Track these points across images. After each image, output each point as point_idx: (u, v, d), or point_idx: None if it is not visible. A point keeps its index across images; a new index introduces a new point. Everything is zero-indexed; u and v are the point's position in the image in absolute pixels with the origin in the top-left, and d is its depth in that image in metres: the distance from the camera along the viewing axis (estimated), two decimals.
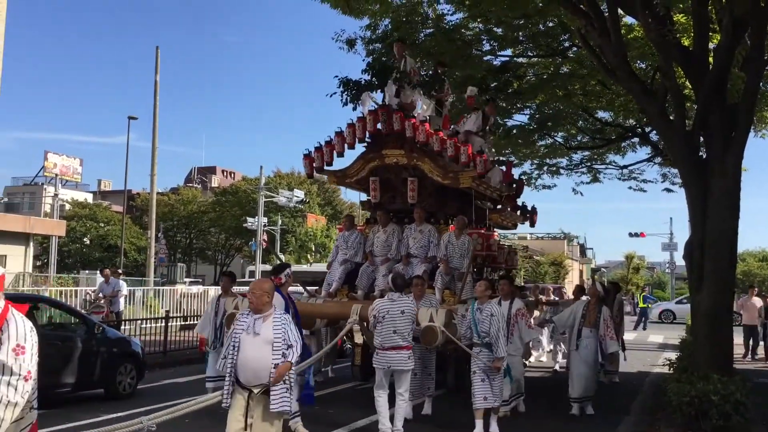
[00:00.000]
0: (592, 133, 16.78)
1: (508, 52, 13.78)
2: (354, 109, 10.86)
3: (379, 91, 10.91)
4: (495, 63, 13.83)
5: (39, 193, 55.02)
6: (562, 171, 17.89)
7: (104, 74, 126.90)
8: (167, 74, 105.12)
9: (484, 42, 13.44)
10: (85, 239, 50.41)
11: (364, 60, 10.80)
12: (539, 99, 14.57)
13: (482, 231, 11.05)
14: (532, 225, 13.94)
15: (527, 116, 15.87)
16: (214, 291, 8.91)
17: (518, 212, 13.40)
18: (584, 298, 10.47)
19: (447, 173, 10.38)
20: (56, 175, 49.36)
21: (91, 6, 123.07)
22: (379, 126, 10.51)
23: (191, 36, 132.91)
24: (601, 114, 16.14)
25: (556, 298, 16.90)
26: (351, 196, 70.06)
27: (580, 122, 16.39)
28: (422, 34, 12.85)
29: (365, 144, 10.94)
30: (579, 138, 17.31)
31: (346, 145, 10.79)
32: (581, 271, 72.49)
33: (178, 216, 57.57)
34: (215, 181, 75.58)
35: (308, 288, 11.46)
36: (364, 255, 10.74)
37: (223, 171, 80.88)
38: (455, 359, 10.18)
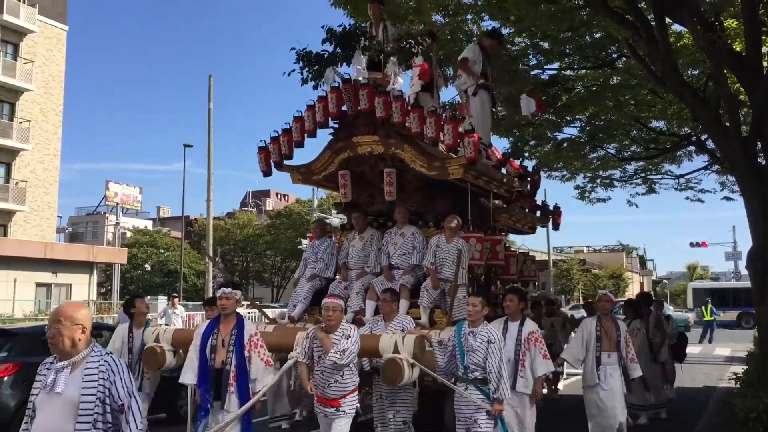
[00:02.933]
0: (646, 143, 16.45)
1: (556, 65, 13.66)
2: (315, 88, 9.04)
3: (345, 64, 9.19)
4: (542, 77, 13.72)
5: (101, 222, 56.70)
6: (615, 183, 17.55)
7: (160, 103, 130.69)
8: (221, 99, 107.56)
9: (530, 56, 13.35)
10: (146, 265, 51.61)
11: (323, 27, 8.67)
12: (589, 111, 14.37)
13: (480, 235, 8.55)
14: (556, 228, 11.70)
15: (577, 129, 15.66)
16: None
17: (537, 212, 11.17)
18: (587, 319, 8.37)
19: (432, 162, 8.23)
20: (117, 203, 50.84)
21: (144, 37, 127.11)
22: (344, 108, 8.57)
23: (244, 60, 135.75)
24: (654, 123, 15.81)
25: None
26: None
27: (633, 132, 16.09)
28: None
29: (332, 131, 9.00)
30: (632, 148, 16.98)
31: (306, 134, 8.84)
32: (642, 284, 70.77)
33: (235, 240, 58.55)
34: (269, 204, 76.66)
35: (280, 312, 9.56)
36: (337, 268, 8.78)
37: (277, 194, 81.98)
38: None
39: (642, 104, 14.27)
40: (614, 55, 13.11)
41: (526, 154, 16.14)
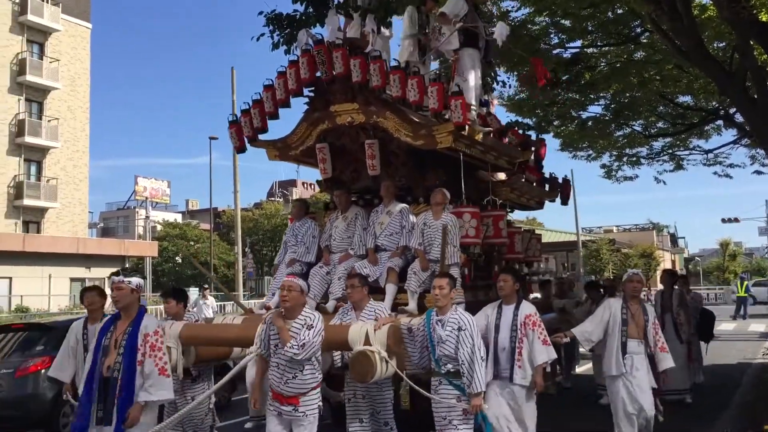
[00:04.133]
0: (673, 119, 16.23)
1: (578, 43, 13.51)
2: (287, 53, 8.30)
3: (319, 25, 8.51)
4: (565, 55, 13.58)
5: (132, 217, 57.51)
6: (642, 160, 17.36)
7: (184, 97, 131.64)
8: (245, 90, 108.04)
9: (551, 35, 13.23)
10: (176, 258, 52.27)
11: None
12: (613, 88, 14.19)
13: (475, 209, 7.60)
14: (565, 202, 10.77)
15: (602, 107, 15.50)
16: None
17: (546, 186, 10.29)
18: (610, 299, 7.30)
19: (418, 130, 7.35)
20: (146, 198, 51.54)
21: (166, 31, 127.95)
22: (318, 73, 7.79)
23: (265, 51, 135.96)
24: (680, 98, 15.60)
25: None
26: None
27: (659, 108, 15.88)
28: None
29: (308, 100, 8.17)
30: (659, 125, 16.76)
31: (278, 103, 8.06)
32: (673, 261, 69.96)
33: (263, 230, 58.97)
34: (296, 193, 77.03)
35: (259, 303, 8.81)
36: (320, 252, 7.96)
37: (303, 183, 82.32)
38: None
39: (667, 79, 14.06)
40: (637, 31, 12.93)
41: (551, 134, 16.03)
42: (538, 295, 10.86)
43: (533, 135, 10.01)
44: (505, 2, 12.47)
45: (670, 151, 17.39)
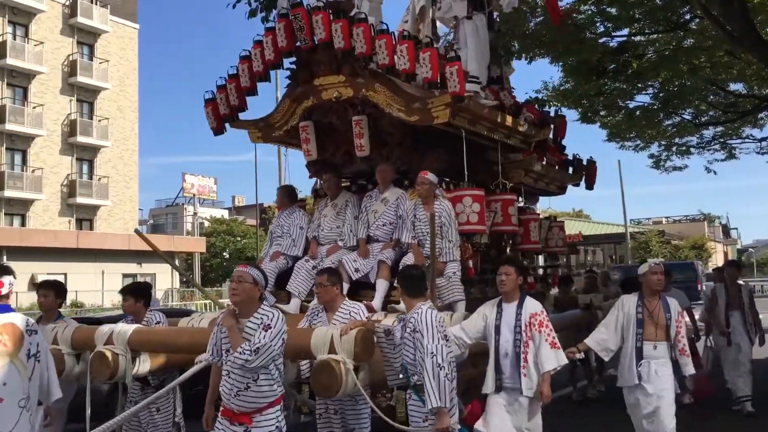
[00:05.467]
0: (724, 107, 15.84)
1: (625, 31, 13.25)
2: (264, 21, 7.43)
3: None
4: (611, 44, 13.36)
5: (180, 213, 58.52)
6: (692, 150, 17.02)
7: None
8: None
9: (598, 24, 13.00)
10: (224, 254, 53.03)
11: None
12: (662, 77, 13.90)
13: (477, 191, 6.60)
14: (590, 186, 9.54)
15: (650, 96, 15.21)
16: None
17: (567, 169, 9.19)
18: (624, 295, 6.01)
19: (411, 104, 6.41)
20: (194, 195, 52.37)
21: (210, 29, 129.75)
22: (299, 43, 6.85)
23: None
24: (732, 86, 15.22)
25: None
26: None
27: (710, 97, 15.52)
28: (532, 23, 12.61)
29: (289, 74, 7.27)
30: (710, 113, 16.38)
31: (256, 77, 7.20)
32: (726, 253, 68.36)
33: None
34: None
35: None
36: (308, 244, 7.08)
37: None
38: None
39: (718, 66, 13.72)
40: (687, 17, 12.64)
41: (598, 124, 15.82)
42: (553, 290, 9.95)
43: (552, 112, 9.06)
44: None
45: (722, 140, 17.01)
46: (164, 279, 35.86)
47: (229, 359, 4.07)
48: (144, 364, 5.46)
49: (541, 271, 9.23)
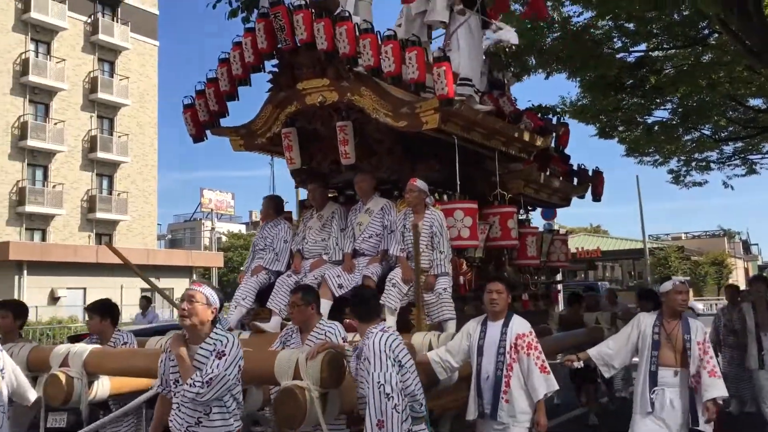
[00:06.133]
0: (744, 123, 15.75)
1: (642, 46, 13.28)
2: (245, 21, 7.10)
3: None
4: (629, 60, 13.35)
5: (198, 228, 58.87)
6: (712, 165, 16.93)
7: (246, 110, 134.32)
8: None
9: (615, 39, 13.03)
10: (241, 268, 53.21)
11: None
12: (681, 92, 13.87)
13: (469, 204, 6.16)
14: (597, 198, 9.06)
15: (669, 111, 15.17)
16: None
17: (571, 179, 8.76)
18: (641, 313, 5.50)
19: (399, 109, 5.95)
20: (212, 209, 52.66)
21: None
22: (280, 45, 6.42)
23: None
24: (752, 101, 15.15)
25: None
26: None
27: (730, 112, 15.44)
28: (549, 39, 12.63)
29: (270, 77, 6.84)
30: (729, 129, 16.29)
31: (235, 80, 6.76)
32: (746, 270, 67.56)
33: None
34: None
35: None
36: (292, 258, 6.69)
37: None
38: None
39: (738, 82, 13.67)
40: (705, 32, 12.61)
41: (616, 139, 15.77)
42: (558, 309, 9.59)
43: (554, 120, 8.64)
44: (567, 8, 12.29)
45: (742, 155, 16.90)
46: (181, 294, 36.04)
47: (179, 391, 3.65)
48: (103, 388, 5.09)
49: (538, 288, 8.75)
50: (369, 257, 6.22)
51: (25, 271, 28.78)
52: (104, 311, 5.46)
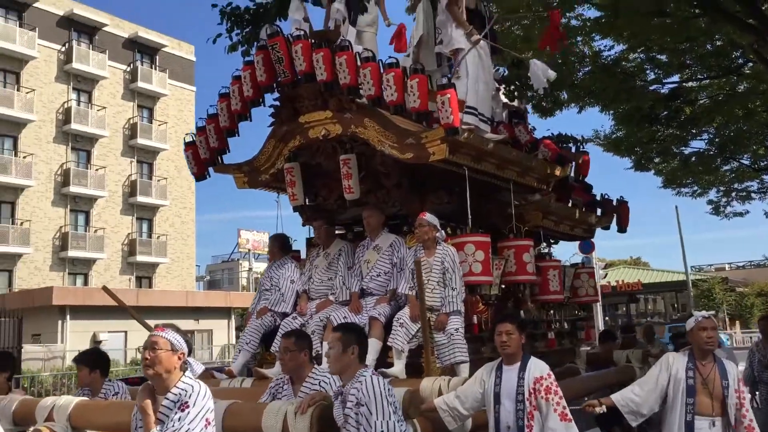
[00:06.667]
0: None
1: (676, 78, 13.21)
2: (245, 54, 6.80)
3: (281, 18, 6.95)
4: (662, 91, 13.28)
5: (236, 269, 59.36)
6: (753, 195, 16.62)
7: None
8: None
9: (647, 71, 12.98)
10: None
11: None
12: (717, 122, 13.74)
13: (481, 237, 5.80)
14: (622, 229, 8.62)
15: (705, 141, 15.00)
16: None
17: (595, 209, 8.28)
18: (671, 353, 4.98)
19: (404, 140, 5.68)
20: (249, 250, 53.05)
21: None
22: (279, 77, 6.18)
23: None
24: None
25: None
26: None
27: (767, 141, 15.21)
28: (580, 73, 12.64)
29: (272, 111, 6.58)
30: None
31: (235, 116, 6.53)
32: None
33: None
34: None
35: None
36: (297, 299, 6.33)
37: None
38: None
39: None
40: (739, 61, 12.51)
41: (652, 171, 15.61)
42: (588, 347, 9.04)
43: (574, 148, 8.32)
44: (597, 42, 12.31)
45: None
46: (221, 335, 36.23)
47: None
48: None
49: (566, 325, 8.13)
50: (377, 297, 5.85)
51: (68, 316, 29.27)
52: (93, 362, 5.17)
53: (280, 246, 6.73)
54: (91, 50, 35.24)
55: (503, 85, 7.82)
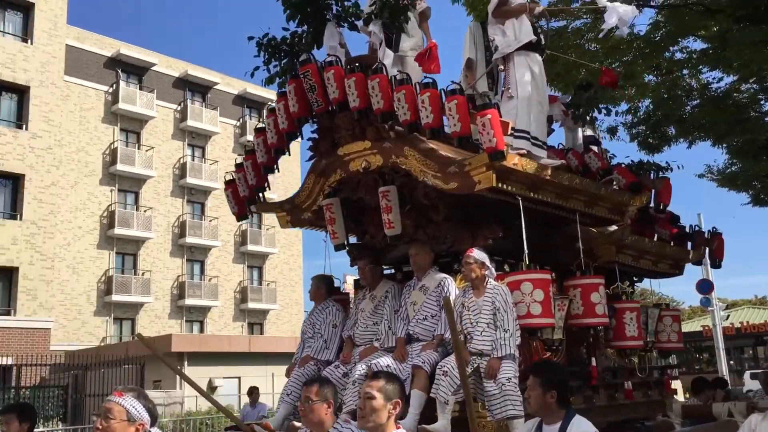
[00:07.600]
0: None
1: None
2: (281, 86, 6.40)
3: (316, 46, 6.46)
4: None
5: None
6: None
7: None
8: None
9: (762, 101, 12.43)
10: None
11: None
12: None
13: (541, 275, 5.17)
14: (716, 264, 7.83)
15: None
16: None
17: (684, 243, 7.54)
18: (754, 414, 4.15)
19: (447, 168, 5.13)
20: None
21: None
22: (314, 107, 5.73)
23: None
24: None
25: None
26: None
27: None
28: (688, 107, 12.26)
29: (310, 145, 6.18)
30: None
31: (271, 150, 6.12)
32: None
33: None
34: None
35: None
36: (341, 346, 5.92)
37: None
38: None
39: None
40: None
41: None
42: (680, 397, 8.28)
43: (652, 175, 7.51)
44: (705, 74, 11.93)
45: None
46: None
47: None
48: None
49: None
50: (423, 342, 5.32)
51: (186, 362, 30.44)
52: (23, 414, 4.71)
53: (325, 288, 6.30)
54: (204, 108, 37.19)
55: (571, 110, 7.44)
